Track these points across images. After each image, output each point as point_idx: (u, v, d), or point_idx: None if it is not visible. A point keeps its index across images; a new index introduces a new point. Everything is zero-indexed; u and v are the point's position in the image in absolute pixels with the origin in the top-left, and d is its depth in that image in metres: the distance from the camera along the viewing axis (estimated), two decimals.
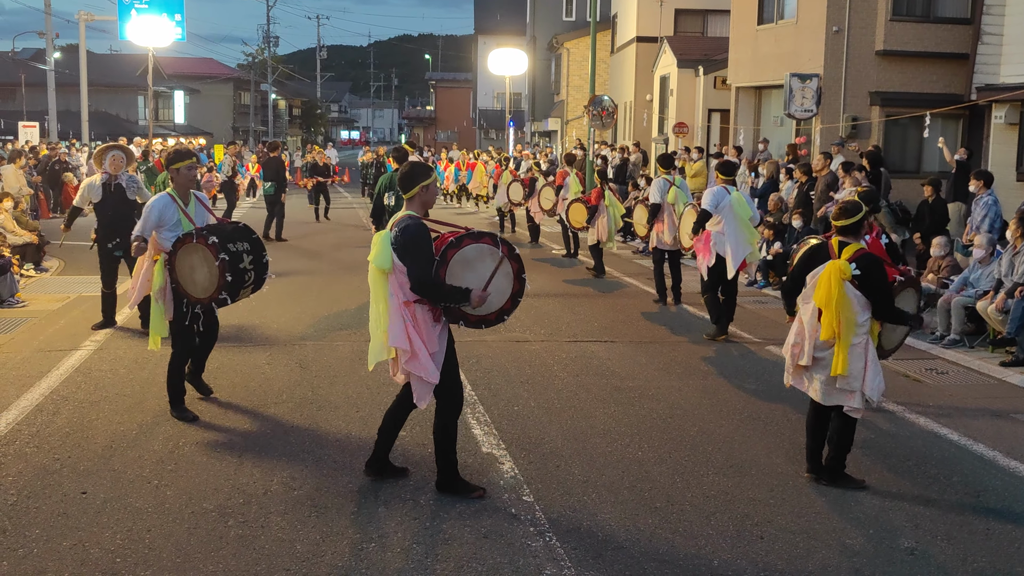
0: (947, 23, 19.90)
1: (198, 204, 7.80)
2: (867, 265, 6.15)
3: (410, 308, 5.73)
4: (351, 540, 5.37)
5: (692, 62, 28.07)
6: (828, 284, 6.11)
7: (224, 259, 7.20)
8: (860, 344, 6.17)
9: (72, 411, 7.63)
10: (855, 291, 6.13)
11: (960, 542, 5.60)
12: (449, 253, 5.78)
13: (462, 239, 5.84)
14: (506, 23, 59.13)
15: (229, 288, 7.27)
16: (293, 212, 25.26)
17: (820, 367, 6.28)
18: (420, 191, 5.82)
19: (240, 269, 7.36)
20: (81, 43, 37.79)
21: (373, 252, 5.73)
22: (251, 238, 7.61)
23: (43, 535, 5.35)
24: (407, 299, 5.73)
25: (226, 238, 7.35)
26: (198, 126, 60.74)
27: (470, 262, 5.84)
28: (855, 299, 6.14)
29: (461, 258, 5.82)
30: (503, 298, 5.98)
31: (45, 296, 12.82)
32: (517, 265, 5.99)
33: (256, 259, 7.57)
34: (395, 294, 5.74)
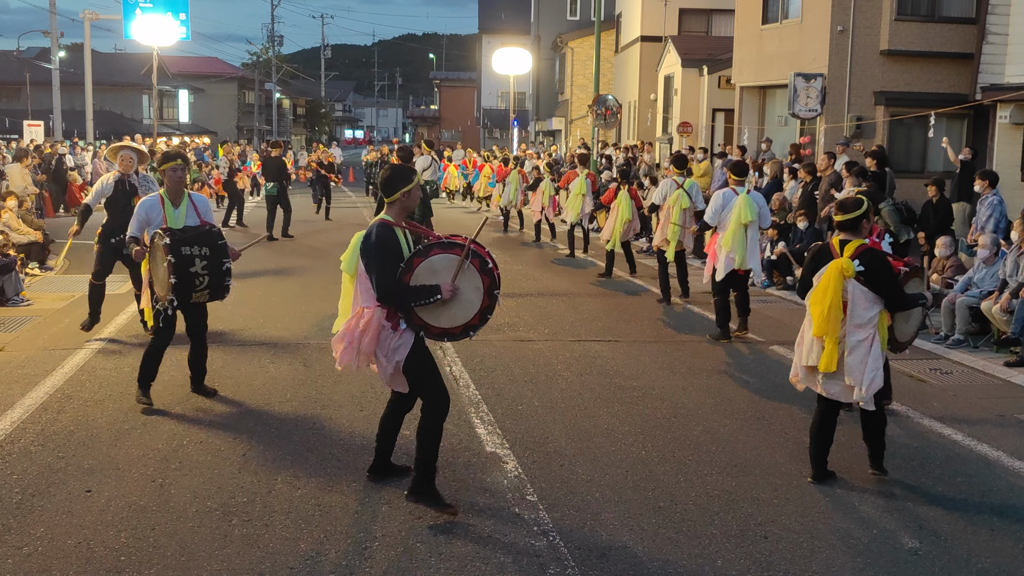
0: (952, 23, 19.87)
1: (190, 206, 7.83)
2: (870, 260, 6.16)
3: (366, 314, 5.59)
4: (355, 539, 5.38)
5: (696, 62, 28.07)
6: (826, 283, 6.15)
7: (171, 261, 7.29)
8: (866, 339, 6.17)
9: (76, 410, 7.64)
10: (861, 287, 6.13)
11: (964, 543, 5.59)
12: (415, 261, 5.51)
13: (431, 247, 5.56)
14: (510, 22, 59.12)
15: (176, 290, 7.36)
16: (297, 211, 25.29)
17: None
18: (402, 196, 5.61)
19: (190, 273, 7.41)
20: (86, 42, 37.84)
21: (345, 254, 5.78)
22: (215, 244, 7.61)
23: (48, 533, 5.36)
24: (366, 305, 5.61)
25: (182, 241, 7.42)
26: (202, 125, 60.76)
27: (436, 272, 5.51)
28: (862, 295, 6.14)
29: (427, 267, 5.51)
30: (470, 312, 5.58)
31: (50, 295, 12.84)
32: (489, 280, 5.57)
33: (212, 265, 7.55)
34: (355, 299, 5.75)
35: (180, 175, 7.84)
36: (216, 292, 7.73)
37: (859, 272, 6.13)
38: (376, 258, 5.46)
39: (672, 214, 12.60)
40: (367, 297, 5.62)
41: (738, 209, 10.52)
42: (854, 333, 6.19)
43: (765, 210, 10.86)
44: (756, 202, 10.70)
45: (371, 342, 5.61)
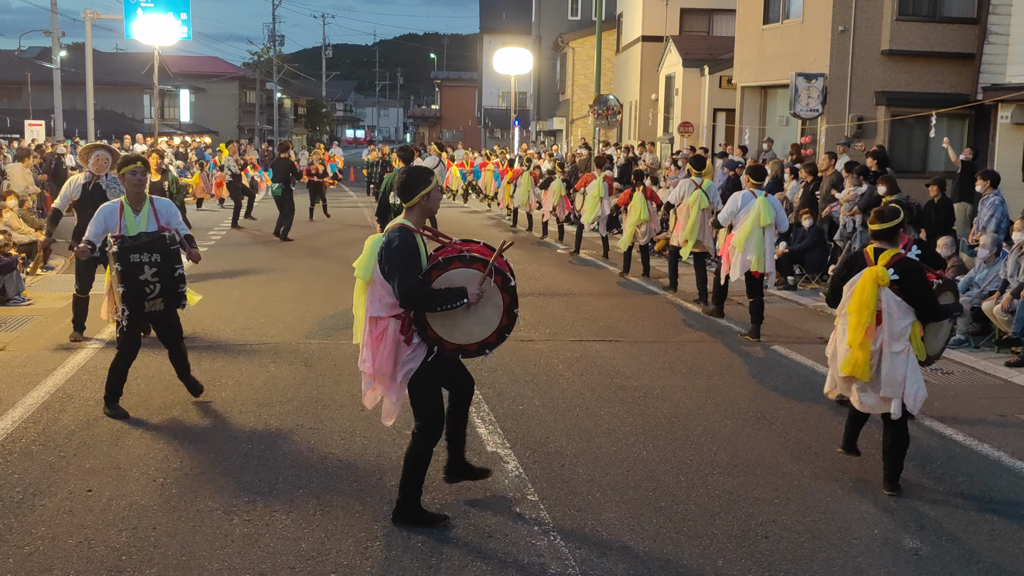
0: (953, 23, 19.86)
1: (151, 211, 7.68)
2: (906, 269, 6.15)
3: (380, 324, 5.36)
4: (356, 538, 5.38)
5: (697, 61, 28.06)
6: (862, 291, 6.12)
7: (119, 270, 7.24)
8: (903, 351, 6.13)
9: (78, 409, 7.64)
10: (895, 297, 6.11)
11: (965, 543, 5.59)
12: (433, 274, 5.34)
13: (451, 261, 5.38)
14: (511, 22, 59.13)
15: (125, 299, 7.29)
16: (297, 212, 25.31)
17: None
18: (421, 200, 5.40)
19: (140, 281, 7.31)
20: (87, 41, 37.82)
21: (359, 260, 5.45)
22: (166, 249, 7.46)
23: (49, 533, 5.36)
24: (377, 315, 5.36)
25: (131, 248, 7.31)
26: (203, 125, 60.78)
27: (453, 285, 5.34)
28: (896, 305, 6.11)
29: (445, 281, 5.33)
30: (488, 330, 5.48)
31: (50, 294, 12.84)
32: (509, 299, 5.49)
33: (163, 272, 7.41)
34: (368, 308, 5.42)
35: (140, 179, 7.69)
36: (170, 300, 7.52)
37: (894, 281, 6.11)
38: (399, 262, 5.19)
39: (691, 214, 12.52)
40: (380, 306, 5.35)
41: (756, 211, 10.58)
42: (891, 345, 6.14)
43: (782, 214, 10.92)
44: (773, 206, 10.75)
45: (388, 358, 5.37)
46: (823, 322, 11.61)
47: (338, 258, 16.91)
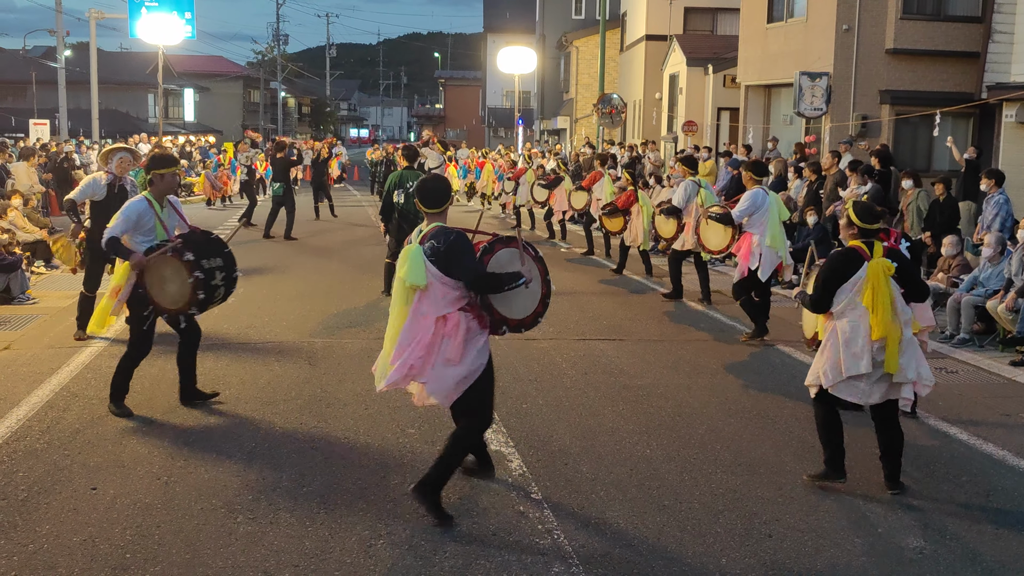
0: (958, 21, 19.83)
1: (171, 210, 7.69)
2: (898, 257, 6.26)
3: (450, 320, 5.63)
4: (360, 536, 5.38)
5: (702, 60, 28.04)
6: (875, 284, 6.03)
7: (199, 277, 7.18)
8: (909, 338, 6.20)
9: (82, 407, 7.66)
10: (896, 286, 6.15)
11: (969, 542, 5.59)
12: (485, 259, 5.87)
13: (494, 244, 5.99)
14: (515, 21, 59.10)
15: (200, 304, 7.29)
16: (300, 210, 25.32)
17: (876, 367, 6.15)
18: (447, 207, 5.89)
19: (212, 286, 7.34)
20: (92, 41, 37.87)
21: (403, 270, 5.59)
22: (224, 252, 7.54)
23: (53, 531, 5.37)
24: (444, 312, 5.61)
25: (201, 254, 7.28)
26: (208, 124, 60.85)
27: (503, 266, 5.90)
28: (899, 294, 6.16)
29: (496, 263, 5.90)
30: (535, 301, 6.06)
31: (55, 293, 12.87)
32: (542, 267, 6.13)
33: (227, 275, 7.52)
34: (427, 311, 5.62)
35: (176, 181, 7.83)
36: (224, 299, 7.71)
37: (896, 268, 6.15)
38: (461, 253, 5.61)
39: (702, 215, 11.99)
40: (444, 303, 5.61)
41: (776, 207, 10.68)
42: (904, 331, 6.17)
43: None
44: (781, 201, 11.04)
45: (457, 347, 5.62)
46: None
47: (343, 257, 16.93)
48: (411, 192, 12.47)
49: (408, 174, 12.74)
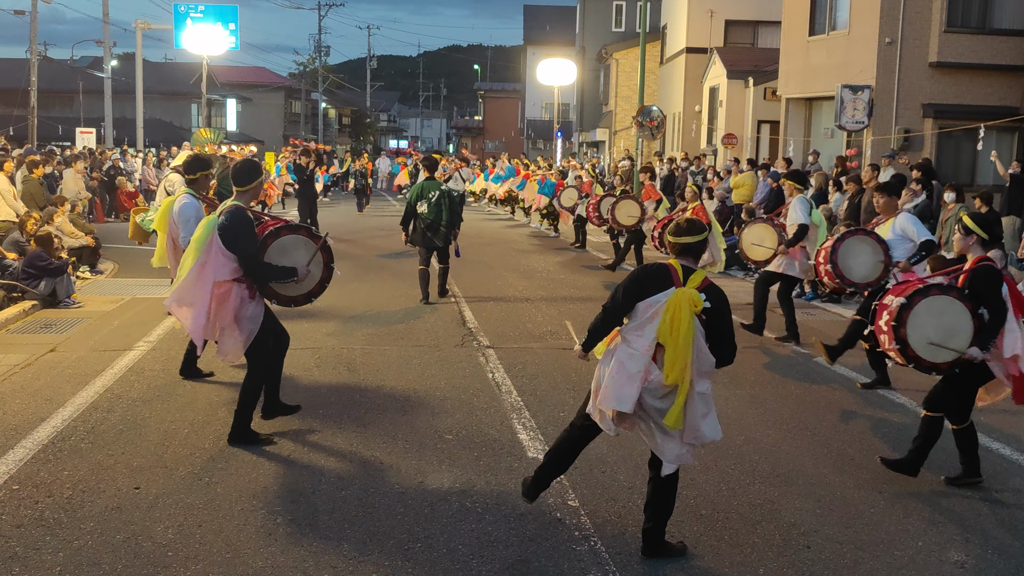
0: (1003, 35, 19.65)
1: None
2: (717, 297, 5.16)
3: (223, 287, 6.63)
4: (397, 540, 5.42)
5: (742, 73, 27.96)
6: (677, 317, 5.02)
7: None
8: (707, 392, 5.23)
9: (126, 409, 7.77)
10: (700, 327, 5.11)
11: (1012, 556, 5.53)
12: (268, 241, 6.83)
13: (280, 229, 6.95)
14: (555, 34, 59.26)
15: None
16: (338, 217, 25.52)
17: (656, 415, 5.19)
18: (256, 185, 6.94)
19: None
20: (138, 51, 38.48)
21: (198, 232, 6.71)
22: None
23: (97, 528, 5.46)
24: (221, 279, 6.59)
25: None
26: (250, 134, 61.43)
27: (286, 249, 6.91)
28: (703, 337, 5.13)
29: (279, 246, 6.88)
30: (313, 282, 7.13)
31: (100, 298, 13.05)
32: (327, 256, 7.17)
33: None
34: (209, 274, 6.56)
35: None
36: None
37: (704, 309, 5.10)
38: (241, 235, 6.60)
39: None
40: (222, 272, 6.57)
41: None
42: (697, 383, 5.17)
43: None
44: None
45: (228, 313, 6.70)
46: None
47: (380, 267, 17.04)
48: (432, 201, 12.72)
49: (430, 184, 13.13)
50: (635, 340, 5.15)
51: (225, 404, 7.93)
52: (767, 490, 6.41)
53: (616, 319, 5.25)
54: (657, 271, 5.21)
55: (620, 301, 5.22)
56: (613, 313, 5.25)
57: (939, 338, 6.35)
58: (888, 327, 6.49)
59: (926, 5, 19.70)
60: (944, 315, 6.39)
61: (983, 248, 6.59)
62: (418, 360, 9.73)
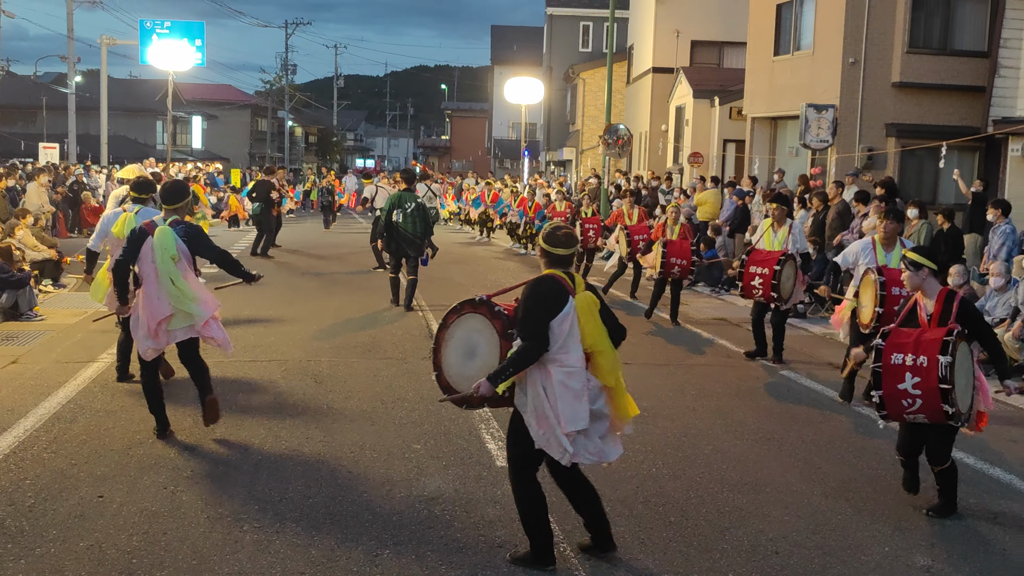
0: (964, 56, 19.91)
1: None
2: (598, 294, 5.34)
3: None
4: (366, 547, 5.38)
5: (708, 92, 28.18)
6: (593, 321, 5.10)
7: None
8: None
9: (89, 419, 7.67)
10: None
11: (977, 562, 5.57)
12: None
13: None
14: (522, 54, 59.52)
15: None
16: (305, 234, 25.42)
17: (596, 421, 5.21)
18: (184, 205, 7.50)
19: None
20: (103, 66, 38.15)
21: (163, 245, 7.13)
22: None
23: (60, 536, 5.38)
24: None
25: None
26: (215, 151, 61.06)
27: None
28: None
29: None
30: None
31: (63, 311, 12.90)
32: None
33: None
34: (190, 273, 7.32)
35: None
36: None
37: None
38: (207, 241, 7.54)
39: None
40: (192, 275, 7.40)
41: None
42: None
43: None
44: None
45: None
46: (833, 348, 11.61)
47: (347, 282, 16.96)
48: (408, 212, 13.15)
49: (406, 195, 13.51)
50: (566, 358, 5.02)
51: (190, 416, 7.84)
52: (736, 498, 6.42)
53: (545, 346, 4.99)
54: (554, 285, 5.09)
55: (542, 329, 4.97)
56: (542, 342, 4.97)
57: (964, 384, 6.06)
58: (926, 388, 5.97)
59: (889, 26, 19.97)
60: (965, 362, 6.09)
61: (937, 278, 6.48)
62: (386, 372, 9.68)
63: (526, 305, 5.02)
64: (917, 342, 6.08)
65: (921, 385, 5.97)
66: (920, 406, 6.03)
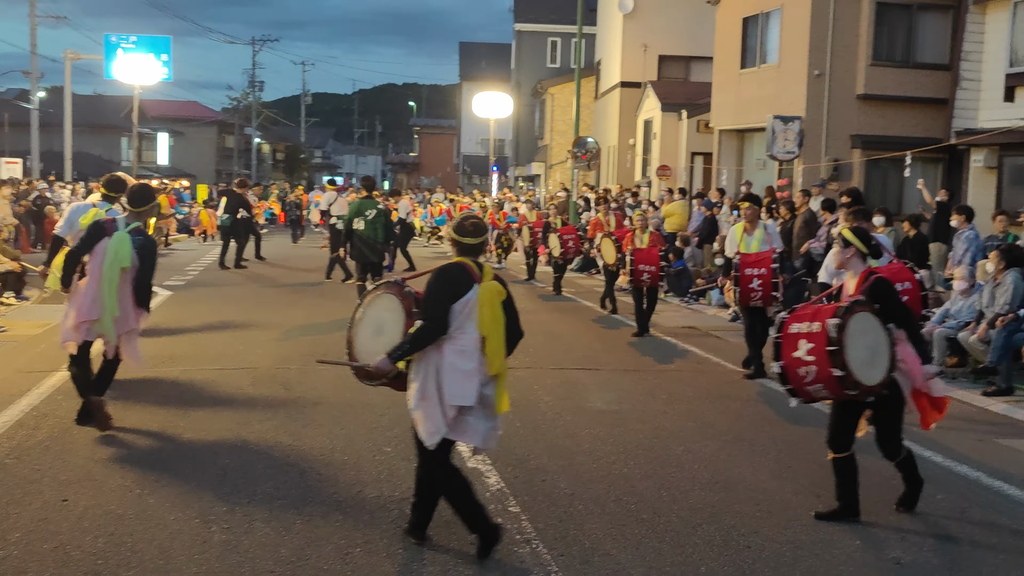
0: (926, 68, 20.18)
1: None
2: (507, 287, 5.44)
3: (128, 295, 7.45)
4: (337, 545, 5.32)
5: (675, 106, 28.35)
6: (492, 308, 5.25)
7: None
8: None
9: (53, 427, 7.55)
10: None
11: (947, 554, 5.60)
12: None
13: None
14: (491, 70, 59.58)
15: None
16: (274, 247, 25.28)
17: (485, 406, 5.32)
18: (150, 208, 7.66)
19: None
20: (66, 81, 37.81)
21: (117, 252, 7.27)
22: None
23: (23, 539, 5.28)
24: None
25: None
26: (181, 168, 60.67)
27: None
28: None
29: None
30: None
31: (25, 322, 12.73)
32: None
33: None
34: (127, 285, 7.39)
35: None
36: None
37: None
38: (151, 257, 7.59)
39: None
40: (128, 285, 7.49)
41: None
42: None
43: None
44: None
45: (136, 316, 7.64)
46: None
47: (316, 292, 16.88)
48: (369, 219, 13.52)
49: (366, 203, 13.89)
50: (461, 338, 5.22)
51: (156, 421, 7.77)
52: (707, 496, 6.42)
53: (444, 329, 5.18)
54: (459, 272, 5.31)
55: (442, 312, 5.18)
56: (440, 324, 5.17)
57: (868, 357, 5.93)
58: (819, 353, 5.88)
59: (853, 39, 20.20)
60: (868, 333, 5.96)
61: (863, 262, 6.30)
62: (355, 378, 9.59)
63: (430, 288, 5.26)
64: (816, 312, 6.11)
65: (814, 351, 5.90)
66: (816, 374, 5.91)
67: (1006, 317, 10.12)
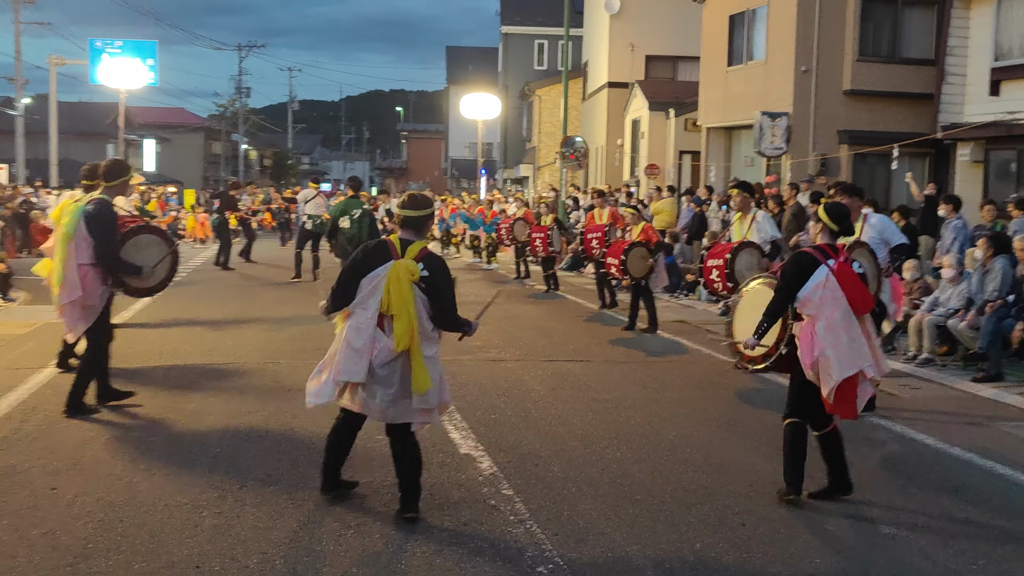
0: (912, 64, 20.24)
1: None
2: (434, 266, 5.47)
3: (83, 270, 7.43)
4: (329, 528, 5.30)
5: (663, 105, 28.37)
6: (398, 287, 5.29)
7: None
8: (435, 355, 5.53)
9: (41, 420, 7.49)
10: (422, 295, 5.40)
11: (940, 530, 5.60)
12: (128, 236, 7.68)
13: (141, 228, 7.94)
14: (478, 74, 59.56)
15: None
16: (262, 250, 25.18)
17: (381, 382, 5.41)
18: (122, 183, 7.84)
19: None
20: (51, 87, 37.68)
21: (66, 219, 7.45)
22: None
23: (12, 525, 5.24)
24: (83, 263, 7.42)
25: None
26: (168, 174, 60.50)
27: (140, 247, 7.76)
28: (424, 304, 5.42)
29: (136, 242, 7.75)
30: (156, 280, 7.97)
31: (12, 322, 12.64)
32: (175, 260, 8.11)
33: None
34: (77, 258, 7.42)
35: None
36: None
37: (423, 277, 5.40)
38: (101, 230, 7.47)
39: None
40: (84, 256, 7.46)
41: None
42: (424, 348, 5.42)
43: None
44: None
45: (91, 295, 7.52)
46: None
47: (305, 289, 16.81)
48: (355, 218, 13.90)
49: (352, 202, 14.30)
50: (360, 314, 5.41)
51: (145, 412, 7.73)
52: (701, 477, 6.41)
53: (344, 299, 5.48)
54: (376, 247, 5.54)
55: (345, 280, 5.48)
56: (341, 294, 5.50)
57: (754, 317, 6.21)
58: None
59: (839, 35, 20.25)
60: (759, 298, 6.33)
61: (831, 238, 6.16)
62: None
63: (351, 257, 5.60)
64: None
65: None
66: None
67: (995, 303, 10.16)
